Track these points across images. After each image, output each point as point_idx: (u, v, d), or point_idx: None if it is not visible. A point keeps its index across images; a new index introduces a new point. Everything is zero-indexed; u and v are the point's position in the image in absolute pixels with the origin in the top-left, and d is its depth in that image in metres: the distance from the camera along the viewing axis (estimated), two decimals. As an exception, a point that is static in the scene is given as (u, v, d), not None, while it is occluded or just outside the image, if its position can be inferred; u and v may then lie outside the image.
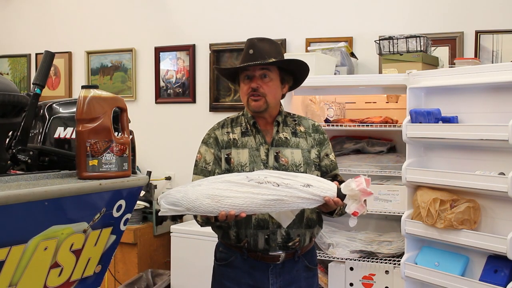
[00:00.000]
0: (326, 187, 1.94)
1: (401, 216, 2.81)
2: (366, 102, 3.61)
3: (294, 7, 4.05)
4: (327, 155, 2.29)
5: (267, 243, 2.16)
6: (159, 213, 1.97)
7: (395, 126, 3.19)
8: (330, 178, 2.16)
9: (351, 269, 3.18)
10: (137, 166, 3.05)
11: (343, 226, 3.43)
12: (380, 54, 3.32)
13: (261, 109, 2.20)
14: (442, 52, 3.47)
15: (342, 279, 3.21)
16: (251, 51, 2.17)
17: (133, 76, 4.67)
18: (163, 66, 4.56)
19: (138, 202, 4.06)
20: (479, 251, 2.50)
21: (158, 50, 4.56)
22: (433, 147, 2.78)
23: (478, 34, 3.47)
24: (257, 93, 2.18)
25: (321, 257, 3.19)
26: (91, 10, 4.85)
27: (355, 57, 3.68)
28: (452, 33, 3.54)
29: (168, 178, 4.49)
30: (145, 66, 4.64)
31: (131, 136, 1.61)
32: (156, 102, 4.59)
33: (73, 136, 1.62)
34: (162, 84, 4.57)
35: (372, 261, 3.13)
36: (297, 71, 2.27)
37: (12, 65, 5.22)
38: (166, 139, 4.55)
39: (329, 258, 3.23)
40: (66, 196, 1.37)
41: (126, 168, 1.53)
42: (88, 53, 4.84)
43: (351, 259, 3.18)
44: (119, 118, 1.58)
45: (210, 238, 3.11)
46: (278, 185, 1.89)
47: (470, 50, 3.49)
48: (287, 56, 2.52)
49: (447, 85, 2.66)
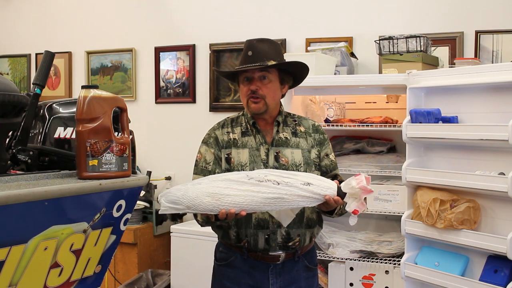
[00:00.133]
0: (326, 186, 1.93)
1: (401, 216, 2.81)
2: (366, 102, 3.61)
3: (294, 7, 4.05)
4: (327, 155, 2.29)
5: (267, 243, 2.16)
6: (159, 212, 1.97)
7: (395, 126, 3.19)
8: (330, 178, 2.15)
9: (351, 269, 3.18)
10: (137, 166, 3.05)
11: (343, 226, 3.43)
12: (380, 54, 3.32)
13: (261, 111, 2.21)
14: (442, 52, 3.47)
15: (342, 279, 3.21)
16: (250, 53, 2.17)
17: (133, 76, 4.67)
18: (163, 66, 4.56)
19: (138, 202, 4.06)
20: (479, 251, 2.50)
21: (158, 50, 4.56)
22: (433, 147, 2.77)
23: (478, 34, 3.47)
24: (256, 95, 2.18)
25: (321, 257, 3.19)
26: (91, 10, 4.85)
27: (355, 57, 3.68)
28: (452, 33, 3.54)
29: (168, 178, 4.49)
30: (145, 66, 4.64)
31: (131, 136, 1.61)
32: (156, 102, 4.59)
33: (73, 136, 1.62)
34: (162, 84, 4.57)
35: (372, 261, 3.13)
36: (297, 72, 2.27)
37: (12, 65, 5.22)
38: (166, 139, 4.55)
39: (329, 258, 3.23)
40: (66, 196, 1.37)
41: (126, 168, 1.53)
42: (88, 53, 4.84)
43: (351, 259, 3.18)
44: (119, 118, 1.58)
45: (210, 238, 3.11)
46: (278, 184, 1.88)
47: (470, 50, 3.49)
48: (287, 56, 2.53)
49: (447, 85, 2.66)
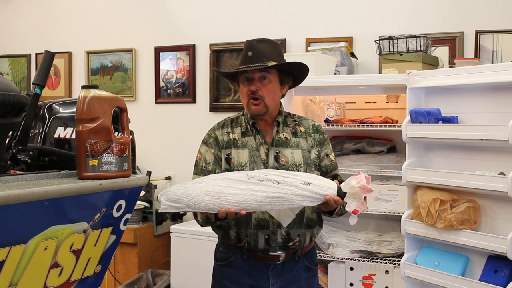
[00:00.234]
0: (326, 185, 1.94)
1: (401, 216, 2.81)
2: (366, 102, 3.61)
3: (294, 7, 4.05)
4: (327, 155, 2.29)
5: (267, 243, 2.16)
6: (159, 210, 1.97)
7: (395, 126, 3.19)
8: (330, 178, 2.15)
9: (351, 269, 3.18)
10: (137, 166, 3.05)
11: (343, 226, 3.43)
12: (380, 54, 3.32)
13: (261, 113, 2.21)
14: (442, 52, 3.47)
15: (342, 279, 3.21)
16: (250, 53, 2.17)
17: (133, 76, 4.67)
18: (163, 66, 4.56)
19: (138, 202, 4.06)
20: (479, 251, 2.49)
21: (158, 50, 4.56)
22: (433, 147, 2.77)
23: (478, 34, 3.47)
24: (256, 96, 2.18)
25: (321, 257, 3.19)
26: (91, 10, 4.85)
27: (355, 57, 3.68)
28: (452, 33, 3.54)
29: (168, 178, 4.49)
30: (145, 66, 4.63)
31: (131, 136, 1.61)
32: (156, 102, 4.59)
33: (73, 136, 1.62)
34: (162, 84, 4.57)
35: (372, 261, 3.13)
36: (297, 72, 2.27)
37: (12, 65, 5.22)
38: (166, 139, 4.55)
39: (329, 258, 3.23)
40: (66, 196, 1.37)
41: (126, 168, 1.53)
42: (88, 53, 4.84)
43: (351, 259, 3.18)
44: (119, 118, 1.58)
45: (210, 238, 3.11)
46: (278, 183, 1.88)
47: (470, 50, 3.49)
48: (287, 56, 2.52)
49: (447, 85, 2.66)
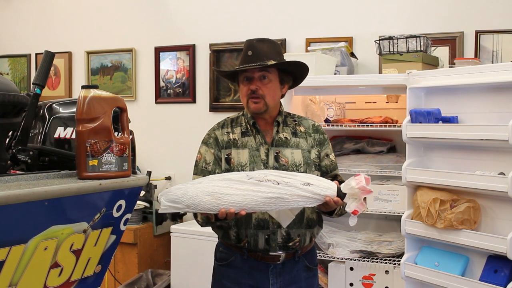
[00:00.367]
0: (326, 186, 1.94)
1: (401, 216, 2.81)
2: (366, 102, 3.61)
3: (294, 7, 4.05)
4: (327, 155, 2.29)
5: (267, 243, 2.16)
6: (159, 211, 1.97)
7: (395, 126, 3.19)
8: (330, 178, 2.15)
9: (351, 269, 3.18)
10: (137, 166, 3.05)
11: (343, 226, 3.43)
12: (380, 54, 3.32)
13: (261, 111, 2.21)
14: (442, 52, 3.47)
15: (342, 279, 3.21)
16: (250, 53, 2.17)
17: (133, 76, 4.67)
18: (163, 66, 4.56)
19: (138, 202, 4.06)
20: (479, 251, 2.49)
21: (158, 50, 4.56)
22: (433, 147, 2.77)
23: (478, 34, 3.47)
24: (256, 95, 2.18)
25: (321, 257, 3.19)
26: (91, 10, 4.85)
27: (355, 57, 3.68)
28: (452, 33, 3.54)
29: (168, 178, 4.49)
30: (145, 66, 4.63)
31: (131, 136, 1.61)
32: (156, 102, 4.59)
33: (73, 136, 1.62)
34: (162, 84, 4.57)
35: (372, 261, 3.13)
36: (297, 72, 2.27)
37: (12, 65, 5.22)
38: (166, 139, 4.55)
39: (329, 258, 3.23)
40: (66, 196, 1.37)
41: (126, 168, 1.53)
42: (88, 53, 4.84)
43: (351, 259, 3.18)
44: (119, 118, 1.58)
45: (210, 238, 3.11)
46: (278, 183, 1.89)
47: (470, 50, 3.49)
48: (287, 56, 2.52)
49: (447, 85, 2.66)
